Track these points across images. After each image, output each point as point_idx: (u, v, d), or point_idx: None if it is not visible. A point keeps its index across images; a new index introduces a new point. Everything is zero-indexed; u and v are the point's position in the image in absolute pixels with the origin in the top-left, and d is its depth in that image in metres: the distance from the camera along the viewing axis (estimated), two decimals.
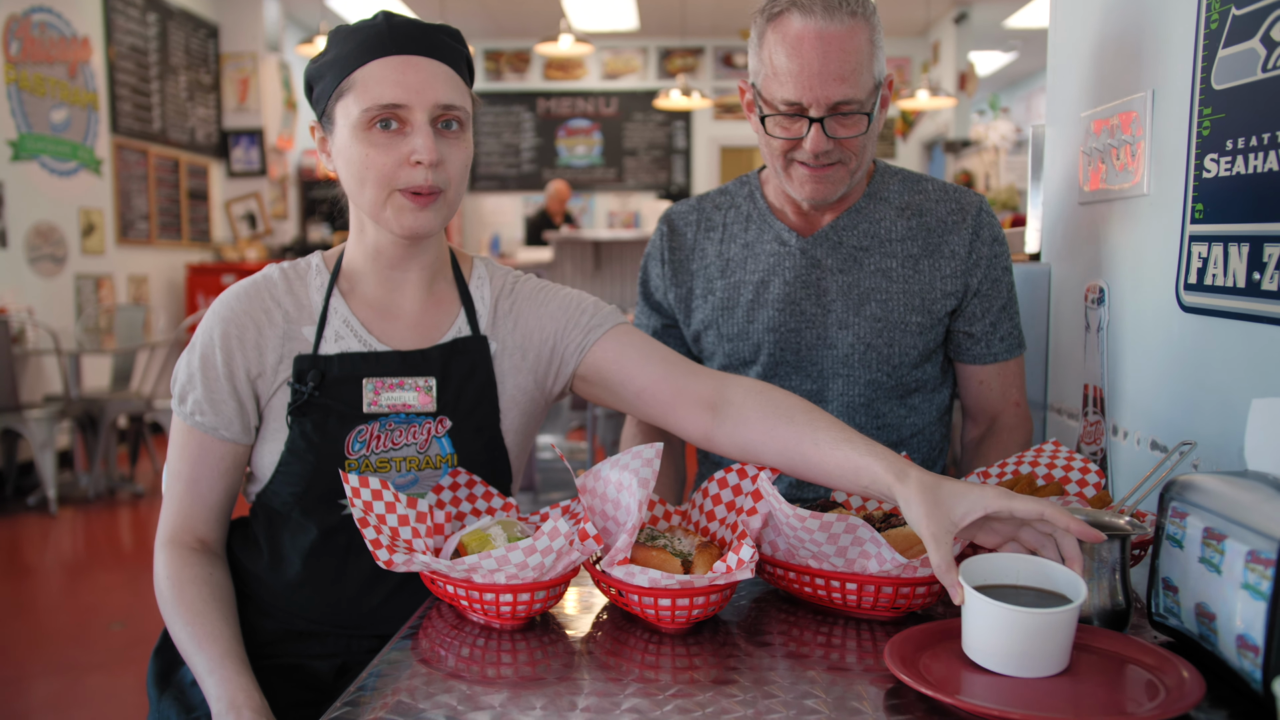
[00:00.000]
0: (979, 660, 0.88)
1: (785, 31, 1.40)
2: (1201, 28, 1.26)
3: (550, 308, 1.33)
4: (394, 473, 1.24)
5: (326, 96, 1.21)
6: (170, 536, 1.27)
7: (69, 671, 3.13)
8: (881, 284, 1.56)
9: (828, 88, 1.39)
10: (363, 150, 1.18)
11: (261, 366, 1.24)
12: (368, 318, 1.28)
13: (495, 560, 1.00)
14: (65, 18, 6.38)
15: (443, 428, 1.26)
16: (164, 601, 1.24)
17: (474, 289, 1.34)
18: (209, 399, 1.24)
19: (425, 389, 1.24)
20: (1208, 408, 1.30)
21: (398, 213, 1.20)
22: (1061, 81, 1.78)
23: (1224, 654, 0.86)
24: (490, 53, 10.65)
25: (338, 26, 1.22)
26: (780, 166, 1.50)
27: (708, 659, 0.97)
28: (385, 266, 1.28)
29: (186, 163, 7.97)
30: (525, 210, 10.58)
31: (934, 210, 1.58)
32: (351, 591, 1.27)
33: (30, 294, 5.93)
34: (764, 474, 1.09)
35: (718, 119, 10.64)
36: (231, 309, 1.26)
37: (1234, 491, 0.89)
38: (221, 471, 1.27)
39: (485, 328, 1.31)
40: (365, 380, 1.23)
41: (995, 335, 1.59)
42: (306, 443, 1.23)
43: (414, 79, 1.17)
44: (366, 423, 1.23)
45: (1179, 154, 1.33)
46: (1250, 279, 1.16)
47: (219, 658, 1.16)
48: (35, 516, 5.10)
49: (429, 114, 1.17)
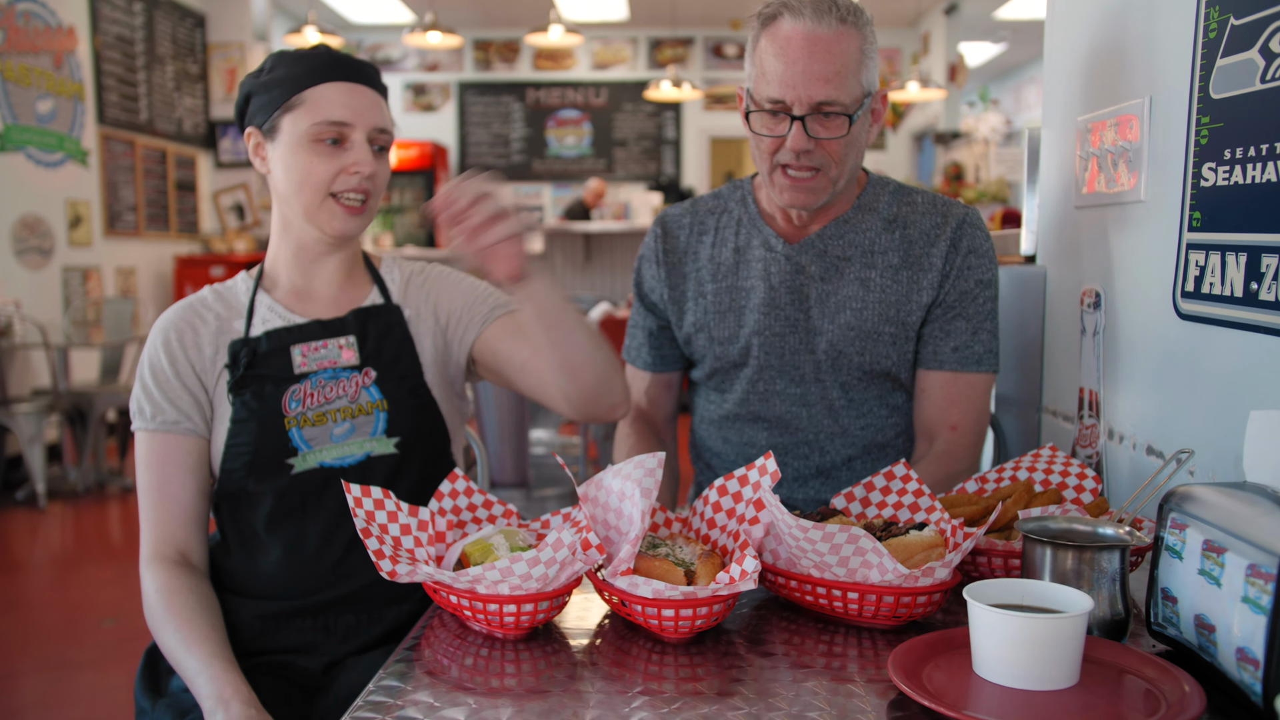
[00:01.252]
0: (991, 676, 0.89)
1: (776, 33, 1.45)
2: (1200, 36, 1.27)
3: (461, 286, 1.50)
4: (331, 424, 1.38)
5: (274, 107, 1.37)
6: (153, 553, 1.36)
7: (60, 668, 3.12)
8: (859, 293, 1.57)
9: (811, 87, 1.42)
10: (307, 159, 1.35)
11: (201, 360, 1.40)
12: (289, 302, 1.45)
13: (499, 571, 1.00)
14: (50, 7, 6.32)
15: (369, 378, 1.40)
16: (153, 614, 1.32)
17: (384, 272, 1.51)
18: (165, 397, 1.38)
19: (348, 345, 1.41)
20: (1203, 415, 1.31)
21: (331, 217, 1.38)
22: (1058, 84, 1.78)
23: (1224, 666, 0.87)
24: (479, 42, 10.60)
25: (282, 51, 1.41)
26: (766, 170, 1.52)
27: (711, 669, 0.98)
28: (307, 261, 1.44)
29: (174, 153, 7.92)
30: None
31: (919, 223, 1.59)
32: (315, 546, 1.37)
33: (17, 287, 5.89)
34: (765, 480, 1.09)
35: (708, 110, 10.62)
36: (168, 319, 1.42)
37: (1234, 504, 0.90)
38: (188, 467, 1.38)
39: (397, 298, 1.48)
40: (293, 347, 1.40)
41: (946, 343, 1.57)
42: (248, 411, 1.37)
43: (358, 103, 1.37)
44: (299, 382, 1.38)
45: (1176, 161, 1.34)
46: (1248, 288, 1.16)
47: (207, 658, 1.23)
48: (24, 511, 5.08)
49: (367, 134, 1.37)
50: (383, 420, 1.39)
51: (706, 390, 1.70)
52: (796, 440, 1.62)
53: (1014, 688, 0.87)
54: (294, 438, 1.36)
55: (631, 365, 1.77)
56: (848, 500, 1.28)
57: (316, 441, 1.37)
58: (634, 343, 1.77)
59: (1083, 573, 1.00)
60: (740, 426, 1.66)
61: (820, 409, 1.61)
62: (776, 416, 1.62)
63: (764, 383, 1.61)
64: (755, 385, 1.62)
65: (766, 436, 1.64)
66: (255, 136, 1.40)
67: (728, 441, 1.67)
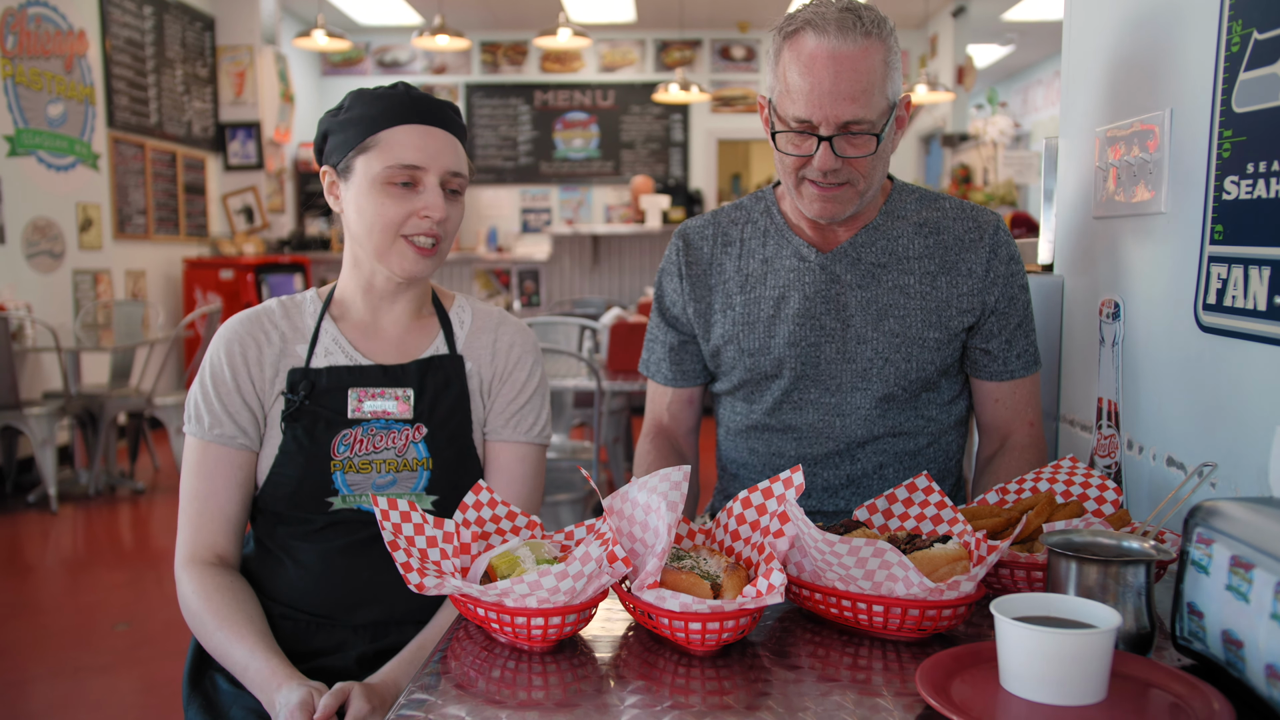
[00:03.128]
0: (1019, 691, 0.89)
1: (800, 50, 1.42)
2: (1222, 50, 1.27)
3: (517, 376, 1.49)
4: (375, 473, 1.39)
5: (348, 148, 1.37)
6: (189, 556, 1.38)
7: (72, 673, 3.13)
8: (899, 300, 1.57)
9: (838, 107, 1.41)
10: (379, 200, 1.36)
11: (261, 379, 1.41)
12: (355, 337, 1.45)
13: (528, 585, 1.01)
14: (61, 11, 6.35)
15: (419, 434, 1.41)
16: (192, 614, 1.34)
17: (454, 315, 1.51)
18: (225, 410, 1.39)
19: (404, 398, 1.41)
20: (1225, 428, 1.31)
21: (401, 258, 1.38)
22: (1076, 94, 1.79)
23: (1252, 681, 0.87)
24: (487, 45, 10.61)
25: (360, 89, 1.41)
26: (792, 184, 1.52)
27: (738, 681, 0.98)
28: (376, 298, 1.45)
29: (183, 156, 7.95)
30: (521, 202, 10.57)
31: (951, 228, 1.59)
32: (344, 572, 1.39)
33: (28, 290, 5.92)
34: (790, 493, 1.10)
35: (715, 112, 10.62)
36: (234, 330, 1.43)
37: (1261, 520, 0.90)
38: (238, 482, 1.41)
39: (461, 348, 1.48)
40: (350, 390, 1.40)
41: (1011, 352, 1.60)
42: (297, 445, 1.38)
43: (432, 146, 1.37)
44: (350, 427, 1.39)
45: (1198, 174, 1.34)
46: (1271, 303, 1.17)
47: (252, 647, 1.28)
48: (36, 514, 5.10)
49: (440, 178, 1.37)
50: (425, 478, 1.41)
51: (732, 401, 1.70)
52: (827, 450, 1.62)
53: (1042, 703, 0.87)
54: (337, 480, 1.38)
55: (651, 380, 1.77)
56: (870, 512, 1.28)
57: (358, 487, 1.39)
58: (653, 357, 1.76)
59: (1108, 587, 1.00)
60: (768, 437, 1.65)
61: (855, 419, 1.60)
62: (808, 426, 1.62)
63: (798, 393, 1.61)
64: (789, 395, 1.62)
65: (795, 447, 1.63)
66: (330, 175, 1.41)
67: (754, 452, 1.67)
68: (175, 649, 3.32)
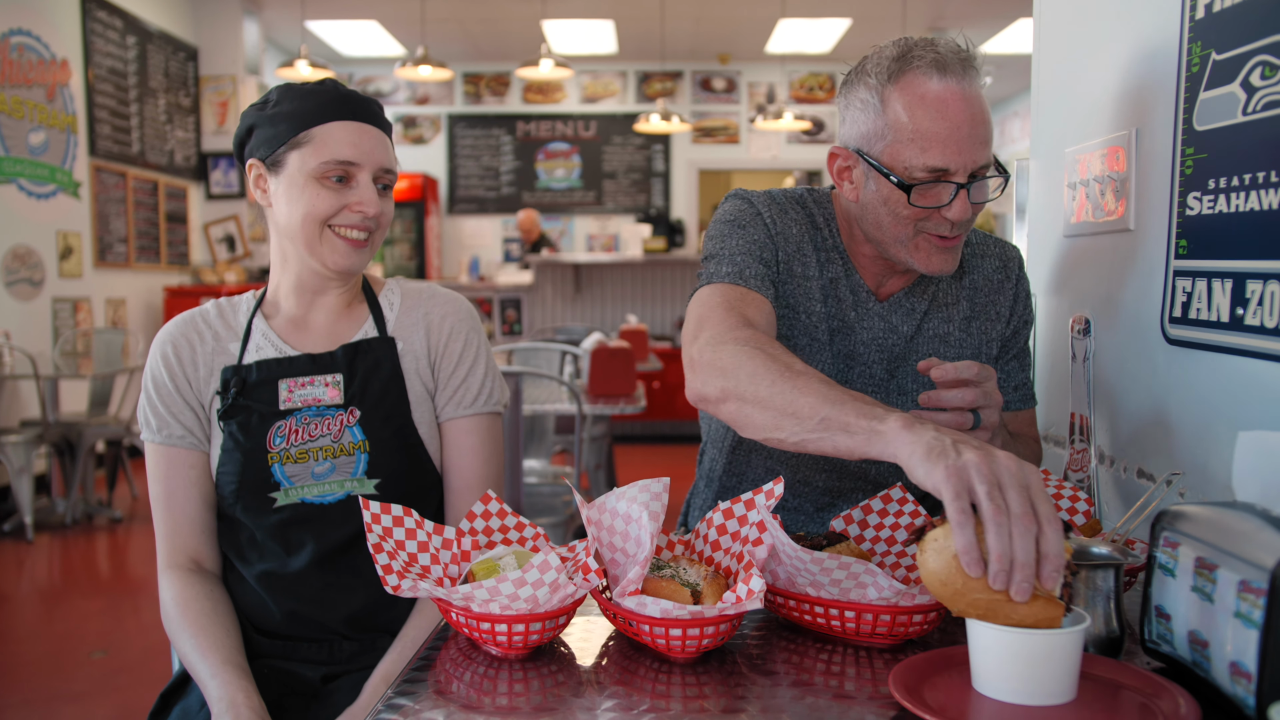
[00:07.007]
0: (990, 692, 0.90)
1: (923, 92, 1.30)
2: (1183, 70, 1.31)
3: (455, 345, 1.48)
4: (312, 462, 1.40)
5: (279, 143, 1.37)
6: (168, 561, 1.40)
7: (48, 701, 3.09)
8: (939, 349, 1.51)
9: (976, 152, 1.30)
10: (312, 194, 1.37)
11: (197, 378, 1.43)
12: (285, 331, 1.46)
13: (487, 590, 1.02)
14: (44, 40, 6.37)
15: (353, 418, 1.42)
16: (169, 620, 1.36)
17: (383, 299, 1.51)
18: (169, 412, 1.42)
19: (333, 384, 1.42)
20: (1192, 437, 1.34)
21: (332, 250, 1.39)
22: (1045, 116, 1.83)
23: (1217, 680, 0.89)
24: (470, 76, 10.69)
25: (288, 84, 1.41)
26: (906, 235, 1.37)
27: (716, 688, 0.99)
28: (307, 293, 1.46)
29: (165, 185, 7.94)
30: (505, 232, 10.62)
31: (980, 267, 1.54)
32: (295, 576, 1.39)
33: (7, 318, 5.88)
34: (768, 502, 1.11)
35: (696, 142, 10.72)
36: (168, 333, 1.46)
37: (1225, 521, 0.92)
38: (193, 480, 1.42)
39: (392, 329, 1.48)
40: (280, 381, 1.41)
41: (1009, 384, 1.56)
42: (234, 442, 1.39)
43: (365, 143, 1.38)
44: (284, 419, 1.40)
45: (1162, 191, 1.37)
46: (1234, 314, 1.20)
47: (219, 664, 1.29)
48: (11, 543, 5.04)
49: (373, 173, 1.39)
50: (363, 462, 1.41)
51: None
52: (855, 486, 1.56)
53: (1013, 703, 0.89)
54: (276, 473, 1.39)
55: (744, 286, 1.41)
56: (846, 523, 1.30)
57: (298, 478, 1.39)
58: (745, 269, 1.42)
59: (1078, 591, 1.02)
60: (796, 464, 1.55)
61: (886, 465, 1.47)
62: (842, 463, 1.53)
63: None
64: None
65: (825, 479, 1.55)
66: (257, 168, 1.41)
67: (771, 473, 1.57)
68: (153, 676, 3.28)
